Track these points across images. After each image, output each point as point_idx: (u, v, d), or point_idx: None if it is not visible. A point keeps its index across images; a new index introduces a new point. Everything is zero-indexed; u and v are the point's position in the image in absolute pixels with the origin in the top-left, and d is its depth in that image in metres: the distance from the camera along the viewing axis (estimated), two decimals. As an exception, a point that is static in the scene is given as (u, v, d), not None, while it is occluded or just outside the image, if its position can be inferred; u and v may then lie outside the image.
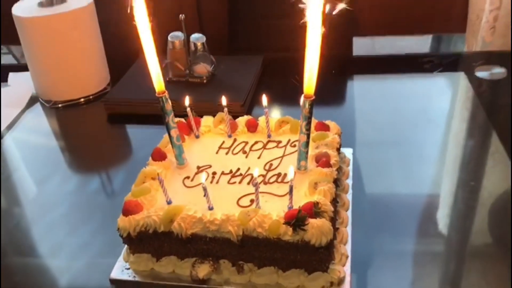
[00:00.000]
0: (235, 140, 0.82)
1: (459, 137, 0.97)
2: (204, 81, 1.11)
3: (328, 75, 1.10)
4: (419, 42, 1.45)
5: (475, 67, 1.12)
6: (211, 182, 0.73)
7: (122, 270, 0.70)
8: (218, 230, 0.64)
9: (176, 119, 0.76)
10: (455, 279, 0.70)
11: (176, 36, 1.08)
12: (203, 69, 1.10)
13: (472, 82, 1.10)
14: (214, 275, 0.66)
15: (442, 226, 0.77)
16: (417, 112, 1.03)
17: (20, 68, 1.27)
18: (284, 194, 0.68)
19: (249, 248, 0.65)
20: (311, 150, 0.74)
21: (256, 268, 0.66)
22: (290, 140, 0.80)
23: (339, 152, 0.79)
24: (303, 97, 0.67)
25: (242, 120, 0.85)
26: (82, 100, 1.15)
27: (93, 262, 0.75)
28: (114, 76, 1.20)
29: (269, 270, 0.66)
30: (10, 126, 1.10)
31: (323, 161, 0.72)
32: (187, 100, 0.83)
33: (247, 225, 0.63)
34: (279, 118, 0.84)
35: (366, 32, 1.30)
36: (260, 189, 0.68)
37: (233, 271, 0.66)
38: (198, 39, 1.08)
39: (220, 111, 0.84)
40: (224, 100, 0.83)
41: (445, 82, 1.17)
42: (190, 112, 0.83)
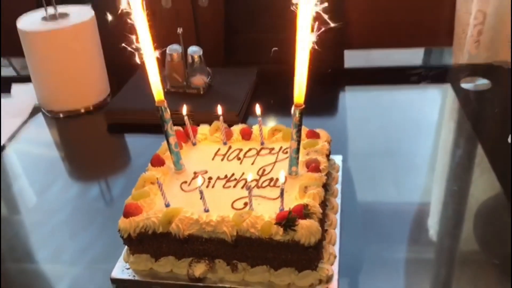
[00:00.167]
0: (230, 147, 0.84)
1: (446, 146, 0.98)
2: (201, 92, 1.12)
3: (321, 85, 1.10)
4: (412, 56, 1.48)
5: (460, 78, 1.15)
6: (207, 187, 0.75)
7: (123, 270, 0.71)
8: (213, 231, 0.66)
9: (174, 128, 0.78)
10: (445, 285, 0.71)
11: (174, 49, 1.09)
12: (200, 80, 1.11)
13: (458, 93, 1.12)
14: (210, 274, 0.68)
15: (431, 233, 0.77)
16: (406, 122, 1.05)
17: (20, 79, 1.28)
18: (276, 197, 0.70)
19: (242, 248, 0.66)
20: (302, 156, 0.76)
21: (249, 267, 0.68)
22: (282, 147, 0.82)
23: (329, 159, 0.81)
24: (293, 106, 0.69)
25: (237, 129, 0.86)
26: (83, 110, 1.16)
27: (93, 266, 0.76)
28: (114, 88, 1.21)
29: (261, 269, 0.68)
30: (13, 135, 1.11)
31: (313, 166, 0.74)
32: (185, 110, 0.84)
33: (240, 226, 0.65)
34: (272, 126, 0.86)
35: (357, 46, 1.34)
36: (253, 192, 0.69)
37: (227, 270, 0.68)
38: (195, 51, 1.09)
39: (216, 120, 0.87)
40: (220, 110, 0.85)
41: (432, 93, 1.20)
42: (188, 121, 0.84)
